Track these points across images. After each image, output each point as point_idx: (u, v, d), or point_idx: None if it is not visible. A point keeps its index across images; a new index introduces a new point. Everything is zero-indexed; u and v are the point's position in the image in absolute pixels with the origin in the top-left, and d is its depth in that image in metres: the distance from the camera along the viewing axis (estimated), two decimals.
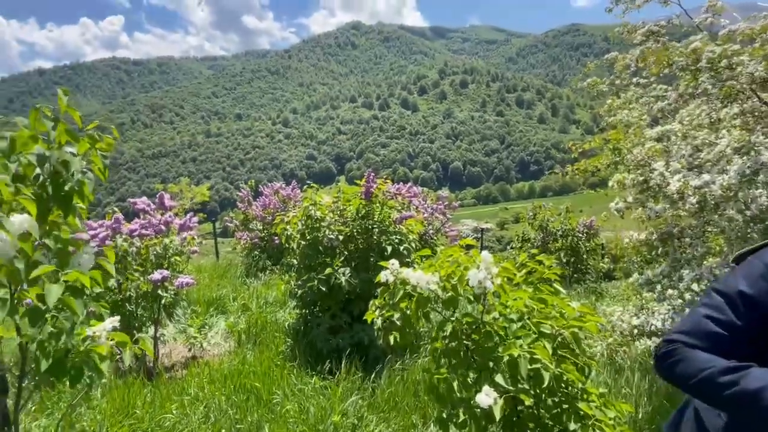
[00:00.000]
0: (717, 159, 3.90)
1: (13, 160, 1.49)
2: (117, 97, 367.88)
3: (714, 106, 3.72)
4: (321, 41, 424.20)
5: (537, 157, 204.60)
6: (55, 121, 1.58)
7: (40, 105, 1.57)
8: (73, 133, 1.62)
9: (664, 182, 3.11)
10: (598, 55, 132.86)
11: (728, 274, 1.23)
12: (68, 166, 1.57)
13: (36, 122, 1.56)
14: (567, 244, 8.58)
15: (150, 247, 4.67)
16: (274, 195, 9.51)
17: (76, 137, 1.63)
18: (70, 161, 1.55)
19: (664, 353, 1.19)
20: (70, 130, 1.61)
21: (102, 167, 1.72)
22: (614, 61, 4.34)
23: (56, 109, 1.70)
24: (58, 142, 1.61)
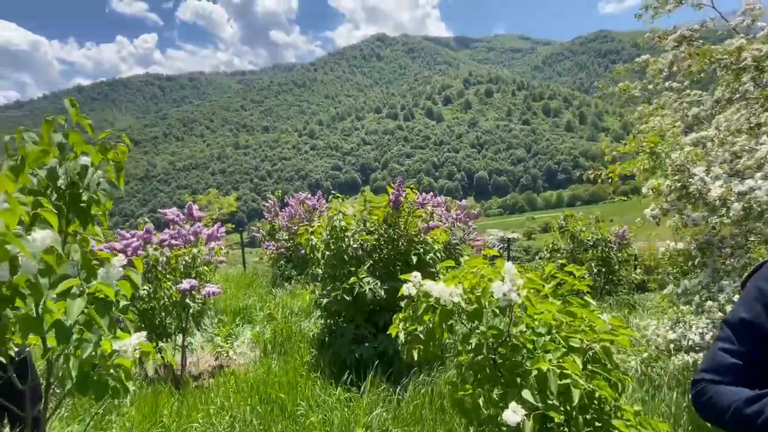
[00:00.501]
0: (759, 165, 3.73)
1: (33, 173, 1.53)
2: (150, 112, 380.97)
3: (754, 110, 3.56)
4: (346, 53, 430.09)
5: (565, 165, 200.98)
6: (66, 134, 1.62)
7: (52, 117, 1.61)
8: (87, 145, 1.65)
9: (705, 188, 2.98)
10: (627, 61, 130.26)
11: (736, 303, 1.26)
12: (83, 177, 1.60)
13: (49, 135, 1.60)
14: (598, 254, 8.33)
15: (179, 256, 4.76)
16: (299, 205, 9.60)
17: (88, 147, 1.66)
18: (83, 173, 1.58)
19: (695, 395, 1.21)
20: (83, 140, 1.64)
21: (116, 176, 1.75)
22: (645, 65, 4.22)
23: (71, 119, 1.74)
24: (72, 153, 1.65)
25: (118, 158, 1.73)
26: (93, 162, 1.69)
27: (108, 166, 1.71)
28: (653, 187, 3.24)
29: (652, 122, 4.86)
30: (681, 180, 3.06)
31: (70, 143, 1.64)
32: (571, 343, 2.05)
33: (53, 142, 1.61)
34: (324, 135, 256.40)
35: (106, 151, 1.68)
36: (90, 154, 1.66)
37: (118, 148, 1.73)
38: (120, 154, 1.73)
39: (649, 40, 3.95)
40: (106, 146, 1.69)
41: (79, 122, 1.66)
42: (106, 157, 1.69)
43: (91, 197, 1.69)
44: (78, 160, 1.66)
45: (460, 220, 7.34)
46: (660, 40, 3.80)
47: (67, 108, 1.66)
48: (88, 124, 1.68)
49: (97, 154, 1.66)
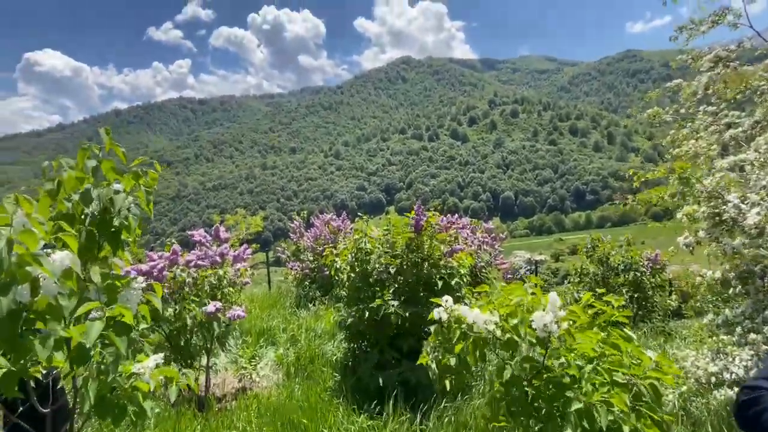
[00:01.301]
0: None
1: (67, 199, 1.57)
2: (183, 134, 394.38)
3: None
4: (372, 76, 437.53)
5: (593, 186, 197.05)
6: (99, 161, 1.66)
7: (87, 145, 1.65)
8: (118, 170, 1.69)
9: (740, 216, 2.84)
10: (656, 81, 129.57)
11: None
12: (115, 202, 1.64)
13: (84, 162, 1.64)
14: (629, 279, 8.03)
15: (205, 278, 4.82)
16: (324, 226, 9.66)
17: (120, 174, 1.70)
18: (115, 199, 1.62)
19: (746, 401, 1.09)
20: (116, 167, 1.68)
21: (146, 202, 1.78)
22: (678, 89, 4.11)
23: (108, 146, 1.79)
24: (105, 180, 1.70)
25: (149, 184, 1.77)
26: (125, 188, 1.72)
27: (139, 192, 1.74)
28: (687, 213, 3.11)
29: (686, 146, 4.71)
30: (716, 207, 2.93)
31: (103, 170, 1.68)
32: (615, 377, 1.95)
33: (87, 169, 1.66)
34: (349, 156, 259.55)
35: (138, 178, 1.72)
36: (122, 181, 1.70)
37: (149, 174, 1.77)
38: (151, 180, 1.76)
39: (682, 61, 3.85)
40: (138, 173, 1.73)
41: (113, 150, 1.70)
42: (138, 183, 1.73)
43: (122, 222, 1.72)
44: (111, 187, 1.71)
45: (486, 243, 7.22)
46: (694, 61, 3.70)
47: (102, 137, 1.71)
48: (121, 151, 1.72)
49: (129, 180, 1.70)
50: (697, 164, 4.45)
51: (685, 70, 4.56)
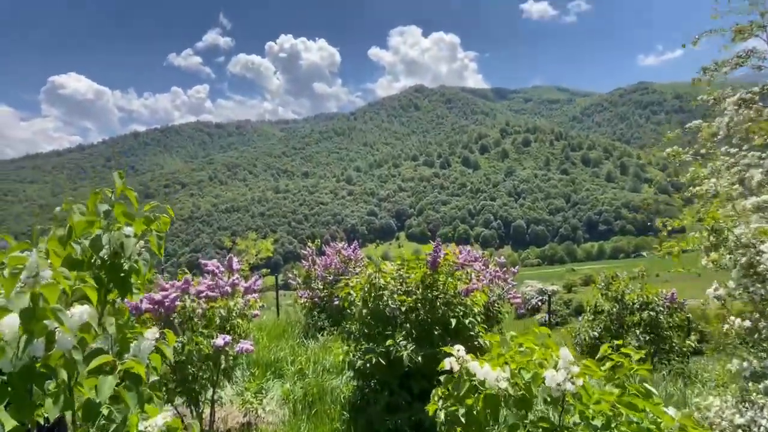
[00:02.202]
0: None
1: (77, 242, 1.55)
2: (198, 157, 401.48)
3: None
4: (385, 104, 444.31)
5: (606, 216, 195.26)
6: (111, 204, 1.64)
7: (99, 189, 1.64)
8: (129, 214, 1.67)
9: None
10: (669, 112, 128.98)
11: None
12: (126, 247, 1.61)
13: (95, 206, 1.62)
14: (645, 318, 7.80)
15: (215, 308, 4.77)
16: (336, 255, 9.61)
17: (132, 218, 1.68)
18: (125, 243, 1.59)
19: None
20: (127, 212, 1.66)
21: (158, 247, 1.75)
22: (698, 129, 4.05)
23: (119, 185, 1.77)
24: (117, 223, 1.67)
25: (161, 229, 1.74)
26: (136, 232, 1.70)
27: (150, 237, 1.71)
28: (713, 260, 3.00)
29: (707, 185, 4.62)
30: (748, 257, 2.83)
31: (115, 214, 1.66)
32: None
33: (99, 212, 1.64)
34: (361, 181, 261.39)
35: (149, 223, 1.69)
36: (133, 225, 1.68)
37: (161, 218, 1.74)
38: (162, 224, 1.74)
39: (703, 102, 3.80)
40: (150, 218, 1.71)
41: (125, 193, 1.68)
42: (149, 228, 1.70)
43: (132, 266, 1.69)
44: (122, 230, 1.68)
45: (499, 278, 7.10)
46: (715, 102, 3.65)
47: (115, 180, 1.69)
48: (133, 196, 1.71)
49: (140, 224, 1.68)
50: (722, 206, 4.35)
51: (705, 108, 4.50)
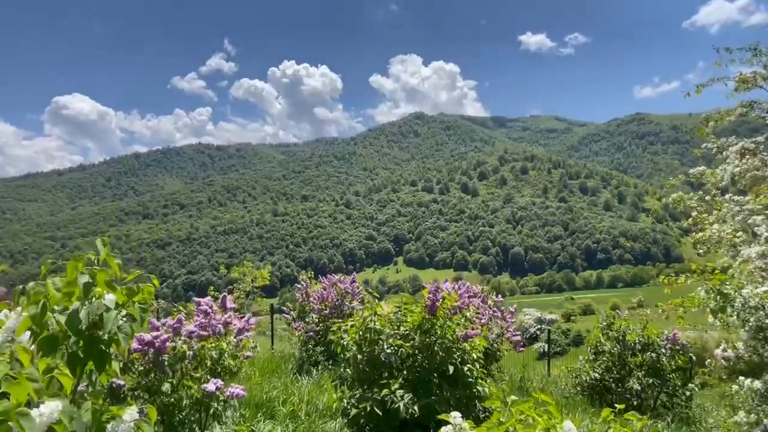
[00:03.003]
0: None
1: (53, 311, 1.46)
2: (198, 178, 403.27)
3: None
4: (385, 129, 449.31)
5: (604, 245, 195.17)
6: (93, 274, 1.55)
7: (80, 254, 1.55)
8: (112, 285, 1.58)
9: None
10: (665, 143, 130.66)
11: None
12: (106, 321, 1.52)
13: (75, 274, 1.54)
14: (647, 360, 7.60)
15: (207, 349, 4.63)
16: (332, 287, 9.45)
17: (114, 289, 1.59)
18: (106, 318, 1.50)
19: None
20: (109, 282, 1.57)
21: (140, 321, 1.66)
22: (701, 176, 4.02)
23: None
24: (98, 290, 1.58)
25: (145, 299, 1.65)
26: (118, 301, 1.60)
27: (132, 308, 1.62)
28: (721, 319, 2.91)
29: (710, 230, 4.56)
30: (756, 319, 2.73)
31: (97, 283, 1.57)
32: None
33: (79, 283, 1.55)
34: (360, 205, 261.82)
35: (133, 294, 1.60)
36: (115, 294, 1.59)
37: (145, 289, 1.65)
38: (147, 295, 1.64)
39: (707, 149, 3.78)
40: (133, 289, 1.62)
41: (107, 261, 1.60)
42: (131, 300, 1.61)
43: (111, 338, 1.59)
44: (102, 299, 1.59)
45: (498, 317, 6.96)
46: (719, 151, 3.62)
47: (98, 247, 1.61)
48: (117, 264, 1.62)
49: (122, 294, 1.59)
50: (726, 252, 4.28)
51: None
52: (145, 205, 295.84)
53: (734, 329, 2.98)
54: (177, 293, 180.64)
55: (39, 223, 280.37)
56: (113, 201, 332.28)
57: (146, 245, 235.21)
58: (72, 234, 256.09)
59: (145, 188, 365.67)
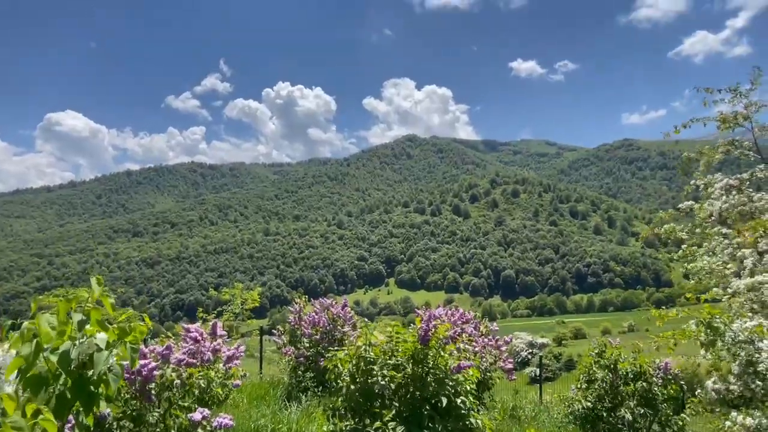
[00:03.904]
0: None
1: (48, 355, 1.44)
2: (190, 197, 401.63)
3: None
4: (378, 151, 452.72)
5: (594, 269, 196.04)
6: (87, 312, 1.54)
7: (73, 291, 1.54)
8: (104, 325, 1.56)
9: None
10: (653, 169, 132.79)
11: None
12: (96, 362, 1.50)
13: (65, 313, 1.52)
14: (639, 389, 7.56)
15: (195, 378, 4.54)
16: (323, 312, 9.37)
17: (106, 328, 1.58)
18: (96, 359, 1.48)
19: None
20: (102, 321, 1.56)
21: (131, 360, 1.64)
22: (689, 210, 4.11)
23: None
24: (89, 329, 1.57)
25: (136, 339, 1.63)
26: (109, 339, 1.59)
27: (122, 347, 1.60)
28: (713, 353, 2.93)
29: (701, 262, 4.63)
30: (746, 353, 2.76)
31: (90, 322, 1.56)
32: None
33: (73, 321, 1.53)
34: (352, 226, 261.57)
35: (125, 334, 1.58)
36: (107, 333, 1.57)
37: (137, 328, 1.64)
38: (138, 334, 1.63)
39: (693, 187, 3.87)
40: (125, 329, 1.60)
41: (101, 300, 1.59)
42: (122, 339, 1.59)
43: (101, 379, 1.57)
44: (94, 338, 1.57)
45: (491, 346, 6.92)
46: (706, 188, 3.71)
47: (92, 285, 1.60)
48: (110, 303, 1.61)
49: (113, 333, 1.57)
50: (717, 283, 4.34)
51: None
52: (135, 223, 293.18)
53: (726, 362, 3.00)
54: (165, 313, 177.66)
55: (26, 239, 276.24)
56: (103, 218, 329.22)
57: (135, 263, 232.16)
58: (59, 251, 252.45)
59: (136, 206, 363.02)
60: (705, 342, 2.98)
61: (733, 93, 3.61)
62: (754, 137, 3.67)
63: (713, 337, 2.90)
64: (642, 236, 6.64)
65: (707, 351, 3.05)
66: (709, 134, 4.61)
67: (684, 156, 3.92)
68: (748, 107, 3.60)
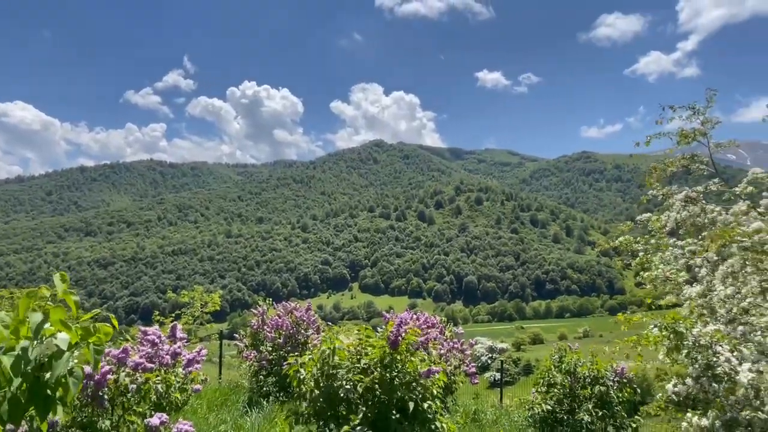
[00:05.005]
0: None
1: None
2: (148, 196, 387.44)
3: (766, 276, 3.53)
4: (345, 155, 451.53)
5: (553, 276, 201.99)
6: (46, 314, 1.44)
7: (33, 289, 1.44)
8: (67, 325, 1.46)
9: (733, 370, 2.80)
10: (609, 181, 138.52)
11: None
12: (55, 362, 1.40)
13: (25, 311, 1.42)
14: (597, 392, 7.82)
15: (153, 382, 4.35)
16: (287, 315, 9.20)
17: (68, 328, 1.47)
18: (55, 364, 1.38)
19: None
20: (64, 321, 1.46)
21: (93, 363, 1.54)
22: (648, 221, 4.29)
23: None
24: (50, 329, 1.46)
25: (100, 341, 1.53)
26: (71, 341, 1.48)
27: (85, 349, 1.50)
28: (669, 352, 3.06)
29: (656, 270, 4.84)
30: (705, 357, 2.90)
31: (51, 321, 1.45)
32: None
33: (31, 321, 1.42)
34: (317, 229, 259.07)
35: (88, 335, 1.48)
36: (69, 334, 1.47)
37: (102, 329, 1.54)
38: (103, 336, 1.53)
39: (652, 196, 4.04)
40: (89, 329, 1.50)
41: (65, 299, 1.48)
42: (86, 340, 1.49)
43: (59, 382, 1.46)
44: (54, 338, 1.46)
45: (456, 349, 6.98)
46: (665, 197, 3.89)
47: (56, 283, 1.49)
48: (74, 301, 1.50)
49: (75, 334, 1.47)
50: (672, 290, 4.52)
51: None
52: (88, 221, 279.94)
53: (684, 366, 3.13)
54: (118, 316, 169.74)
55: None
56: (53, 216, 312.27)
57: (87, 264, 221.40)
58: (3, 250, 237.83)
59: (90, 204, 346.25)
60: (670, 347, 3.11)
61: (692, 110, 3.82)
62: (709, 152, 3.89)
63: (677, 342, 3.03)
64: (600, 247, 6.87)
65: (669, 355, 3.18)
66: (660, 150, 4.83)
67: (651, 167, 4.11)
68: (705, 123, 3.81)
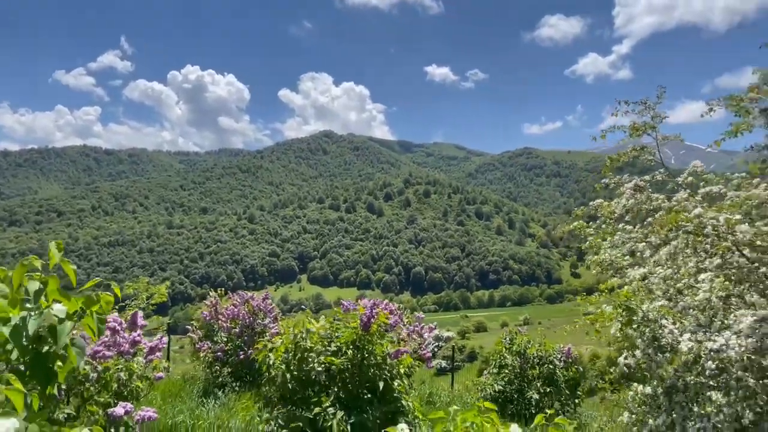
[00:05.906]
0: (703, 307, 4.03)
1: None
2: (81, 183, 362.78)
3: (701, 258, 3.93)
4: (293, 145, 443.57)
5: (495, 267, 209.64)
6: (44, 283, 1.41)
7: (26, 259, 1.41)
8: (66, 294, 1.44)
9: (675, 340, 3.13)
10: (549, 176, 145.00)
11: None
12: (58, 335, 1.38)
13: (19, 281, 1.39)
14: (545, 372, 8.36)
15: (114, 370, 4.20)
16: (243, 305, 9.06)
17: (68, 298, 1.46)
18: (59, 331, 1.36)
19: None
20: (63, 291, 1.44)
21: (97, 332, 1.52)
22: (598, 208, 4.64)
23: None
24: (45, 302, 1.44)
25: (103, 310, 1.51)
26: (69, 311, 1.46)
27: (88, 318, 1.48)
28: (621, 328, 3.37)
29: (603, 254, 5.23)
30: (652, 330, 3.22)
31: (48, 291, 1.42)
32: None
33: (29, 290, 1.39)
34: (264, 221, 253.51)
35: (90, 304, 1.46)
36: (67, 305, 1.44)
37: (103, 298, 1.52)
38: (105, 305, 1.52)
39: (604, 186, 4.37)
40: (91, 298, 1.48)
41: (61, 266, 1.46)
42: (89, 309, 1.47)
43: (62, 355, 1.44)
44: (51, 309, 1.43)
45: (416, 333, 7.18)
46: (617, 186, 4.23)
47: (51, 251, 1.46)
48: (72, 270, 1.48)
49: (75, 304, 1.45)
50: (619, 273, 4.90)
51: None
52: (12, 210, 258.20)
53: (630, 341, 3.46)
54: None
55: None
56: None
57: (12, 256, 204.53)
58: None
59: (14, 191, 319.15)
60: (623, 321, 3.43)
61: (644, 105, 4.18)
62: (657, 144, 4.27)
63: (629, 317, 3.35)
64: (537, 237, 7.23)
65: (622, 330, 3.50)
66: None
67: (608, 158, 4.45)
68: (654, 118, 4.19)
